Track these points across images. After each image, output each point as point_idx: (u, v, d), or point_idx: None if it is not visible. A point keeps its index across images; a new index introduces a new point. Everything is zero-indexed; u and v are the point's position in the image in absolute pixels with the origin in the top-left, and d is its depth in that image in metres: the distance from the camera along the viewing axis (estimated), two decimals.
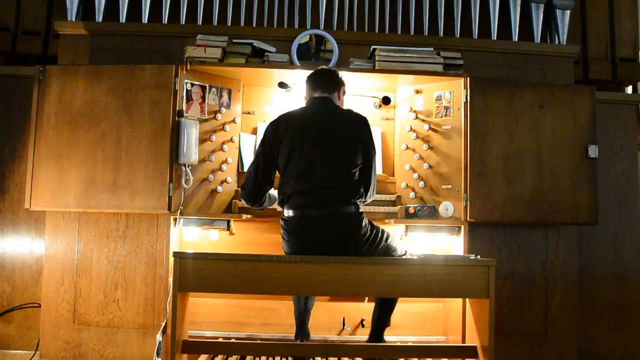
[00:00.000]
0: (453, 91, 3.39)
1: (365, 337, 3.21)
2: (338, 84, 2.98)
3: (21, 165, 3.58)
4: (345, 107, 3.02)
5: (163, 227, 3.25)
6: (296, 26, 3.84)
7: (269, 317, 3.11)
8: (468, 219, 3.26)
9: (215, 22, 3.81)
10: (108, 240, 3.28)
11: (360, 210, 2.84)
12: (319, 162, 2.78)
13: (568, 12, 3.94)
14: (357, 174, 2.86)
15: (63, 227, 3.30)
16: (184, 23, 3.79)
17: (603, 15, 4.23)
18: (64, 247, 3.28)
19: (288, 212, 2.83)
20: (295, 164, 2.79)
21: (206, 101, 3.37)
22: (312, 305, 3.07)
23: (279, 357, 2.95)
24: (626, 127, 3.83)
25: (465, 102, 3.33)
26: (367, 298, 3.31)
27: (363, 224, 2.83)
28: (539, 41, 3.93)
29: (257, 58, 3.43)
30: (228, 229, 3.28)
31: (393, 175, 3.56)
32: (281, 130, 2.85)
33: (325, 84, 2.95)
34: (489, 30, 3.94)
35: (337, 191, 2.79)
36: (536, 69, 3.76)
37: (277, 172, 2.93)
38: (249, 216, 3.30)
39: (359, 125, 2.90)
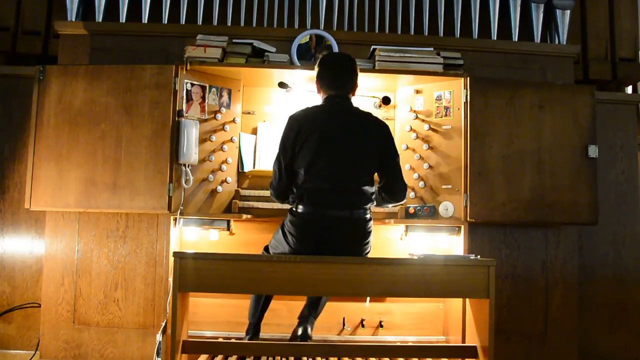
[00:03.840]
0: (453, 91, 3.39)
1: (366, 337, 3.22)
2: (355, 84, 2.94)
3: (21, 165, 3.58)
4: None
5: (163, 227, 3.24)
6: (296, 26, 3.85)
7: (269, 317, 3.11)
8: (468, 219, 3.26)
9: (215, 22, 3.81)
10: (108, 240, 3.28)
11: (370, 217, 2.86)
12: (344, 164, 2.78)
13: (568, 12, 3.94)
14: (373, 179, 2.87)
15: (63, 227, 3.30)
16: (184, 23, 3.79)
17: (603, 15, 4.23)
18: (64, 247, 3.28)
19: (305, 209, 2.79)
20: (321, 163, 2.76)
21: (206, 101, 3.37)
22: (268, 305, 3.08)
23: (278, 357, 2.95)
24: (626, 127, 3.83)
25: (465, 102, 3.33)
26: (368, 298, 3.31)
27: (371, 230, 2.85)
28: (539, 41, 3.93)
29: (257, 58, 3.43)
30: (228, 229, 3.28)
31: None
32: (305, 129, 2.80)
33: (344, 84, 2.91)
34: (489, 30, 3.94)
35: (358, 195, 2.80)
36: (536, 69, 3.76)
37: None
38: (249, 216, 3.30)
39: (379, 128, 2.89)
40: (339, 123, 2.84)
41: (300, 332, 2.99)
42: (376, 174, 2.91)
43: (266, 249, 3.05)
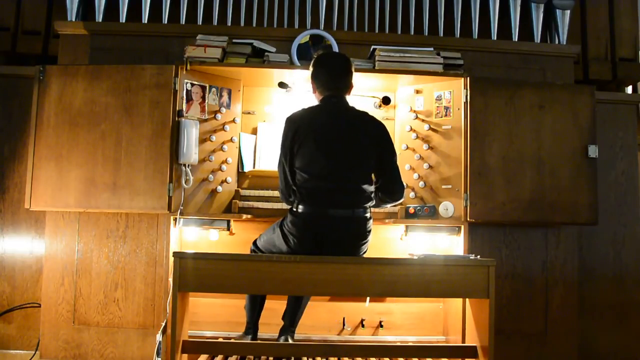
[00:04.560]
0: (453, 91, 3.39)
1: (366, 337, 3.21)
2: (351, 84, 2.95)
3: (21, 165, 3.58)
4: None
5: (163, 227, 3.24)
6: (296, 26, 3.85)
7: (269, 317, 3.11)
8: (468, 219, 3.26)
9: (215, 22, 3.81)
10: (108, 240, 3.28)
11: (371, 216, 2.86)
12: (343, 163, 2.79)
13: (568, 12, 3.94)
14: (373, 177, 2.87)
15: (63, 227, 3.30)
16: (184, 23, 3.79)
17: (603, 15, 4.23)
18: (64, 247, 3.28)
19: (306, 208, 2.79)
20: (320, 163, 2.77)
21: (206, 101, 3.37)
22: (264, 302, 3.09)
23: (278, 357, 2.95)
24: (626, 127, 3.83)
25: (465, 102, 3.33)
26: (368, 298, 3.31)
27: (371, 230, 2.86)
28: (539, 41, 3.93)
29: (257, 58, 3.43)
30: (228, 229, 3.28)
31: None
32: (302, 130, 2.80)
33: (340, 85, 2.91)
34: (489, 30, 3.94)
35: (358, 193, 2.80)
36: (536, 69, 3.77)
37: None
38: (249, 216, 3.30)
39: (376, 127, 2.90)
40: (336, 123, 2.84)
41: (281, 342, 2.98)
42: (373, 174, 2.91)
43: (255, 245, 3.04)
